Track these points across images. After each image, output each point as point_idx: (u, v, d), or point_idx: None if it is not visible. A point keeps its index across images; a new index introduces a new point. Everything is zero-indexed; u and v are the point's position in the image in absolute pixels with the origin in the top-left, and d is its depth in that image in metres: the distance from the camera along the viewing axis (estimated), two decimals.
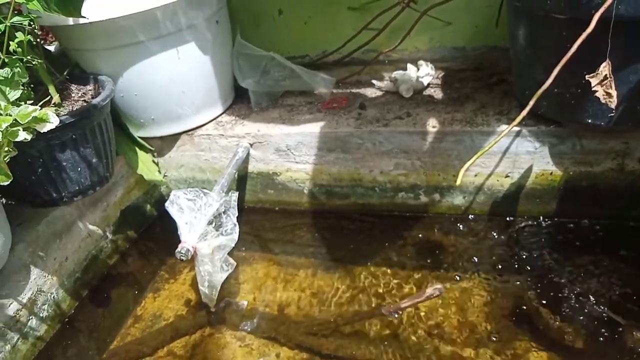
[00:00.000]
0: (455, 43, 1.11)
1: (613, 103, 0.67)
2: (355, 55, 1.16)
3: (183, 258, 0.81)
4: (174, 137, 1.08)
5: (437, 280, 0.88)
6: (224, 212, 0.87)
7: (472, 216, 0.99)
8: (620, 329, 0.74)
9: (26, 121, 0.61)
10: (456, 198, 0.98)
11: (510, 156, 0.89)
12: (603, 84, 0.67)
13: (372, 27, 1.08)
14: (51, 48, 1.06)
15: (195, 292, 0.95)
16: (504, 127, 0.87)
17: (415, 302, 0.78)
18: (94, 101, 0.84)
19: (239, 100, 1.15)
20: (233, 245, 0.86)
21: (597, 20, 0.63)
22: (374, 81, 1.08)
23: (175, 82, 0.98)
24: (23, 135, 0.62)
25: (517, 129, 0.86)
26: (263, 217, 1.12)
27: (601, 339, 0.74)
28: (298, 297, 0.92)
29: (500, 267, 0.89)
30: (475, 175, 0.93)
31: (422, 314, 0.83)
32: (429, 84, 1.04)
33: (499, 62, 1.07)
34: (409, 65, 1.05)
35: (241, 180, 1.09)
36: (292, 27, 1.18)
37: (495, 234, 0.95)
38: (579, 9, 0.67)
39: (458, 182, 0.69)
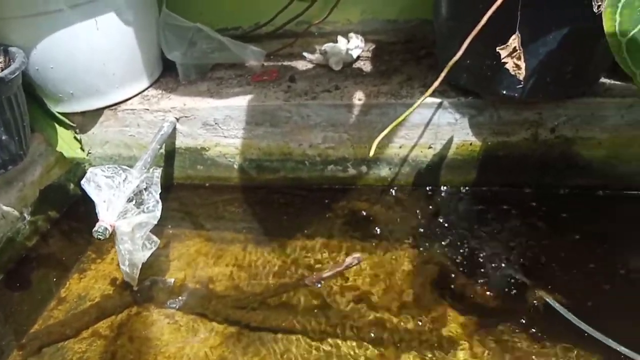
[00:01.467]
0: (387, 15, 1.11)
1: (522, 75, 0.70)
2: (288, 27, 1.14)
3: (101, 237, 0.78)
4: (97, 113, 1.03)
5: (365, 249, 0.90)
6: (146, 189, 0.85)
7: (398, 187, 1.01)
8: (526, 289, 0.79)
9: None
10: (382, 170, 0.99)
11: (433, 128, 0.91)
12: (513, 56, 0.69)
13: None
14: None
15: (119, 272, 0.93)
16: (427, 100, 0.88)
17: (336, 272, 0.79)
18: (1, 74, 0.79)
19: (167, 73, 1.11)
20: (155, 222, 0.84)
21: None
22: (305, 54, 1.07)
23: (94, 54, 0.93)
24: None
25: (438, 100, 0.88)
26: (193, 193, 1.10)
27: (510, 298, 0.78)
28: (230, 272, 0.91)
29: (424, 235, 0.92)
30: (400, 147, 0.95)
31: (350, 283, 0.85)
32: (359, 57, 1.04)
33: (429, 36, 1.07)
34: (339, 38, 1.05)
35: (169, 156, 1.07)
36: None
37: (419, 204, 0.98)
38: None
39: (371, 153, 0.70)
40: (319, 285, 0.83)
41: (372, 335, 0.76)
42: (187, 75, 1.06)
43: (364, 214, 0.98)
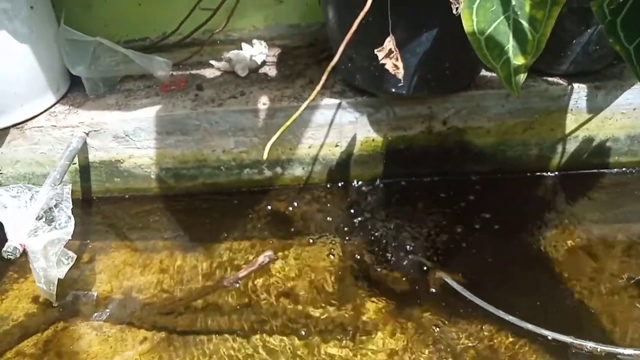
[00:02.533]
0: (289, 20, 1.16)
1: (400, 74, 0.76)
2: (195, 36, 1.15)
3: (11, 257, 0.78)
4: (3, 132, 1.01)
5: (287, 246, 0.95)
6: (56, 206, 0.85)
7: (313, 185, 1.06)
8: (432, 272, 0.86)
9: None
10: (296, 169, 1.04)
11: (336, 127, 0.96)
12: (390, 57, 0.75)
13: (207, 7, 1.08)
14: None
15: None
16: (327, 101, 0.93)
17: (251, 271, 0.83)
18: None
19: (75, 88, 1.10)
20: (69, 238, 0.84)
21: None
22: (212, 62, 1.09)
23: None
24: None
25: (337, 101, 0.94)
26: (114, 206, 1.11)
27: (416, 280, 0.85)
28: (157, 279, 0.93)
29: (341, 229, 0.97)
30: (309, 147, 1.00)
31: (273, 280, 0.89)
32: (264, 62, 1.07)
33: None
34: (244, 45, 1.08)
35: (84, 170, 1.06)
36: (127, 9, 1.15)
37: (334, 199, 1.04)
38: None
39: (265, 156, 0.74)
40: (237, 285, 0.87)
41: (297, 327, 0.80)
42: (95, 89, 1.06)
43: (284, 212, 1.03)
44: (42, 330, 0.86)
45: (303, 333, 0.79)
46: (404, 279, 0.86)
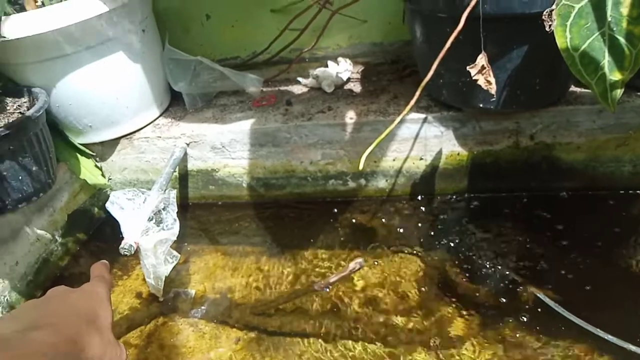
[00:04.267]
0: (372, 39, 1.20)
1: (493, 89, 0.77)
2: (283, 54, 1.23)
3: (127, 253, 0.87)
4: (114, 142, 1.13)
5: (370, 256, 0.97)
6: (164, 209, 0.94)
7: (396, 197, 1.09)
8: (523, 287, 0.85)
9: None
10: (380, 182, 1.07)
11: (422, 140, 0.99)
12: (482, 73, 0.77)
13: (294, 28, 1.15)
14: None
15: (147, 286, 1.01)
16: (413, 116, 0.96)
17: (341, 276, 0.86)
18: (28, 113, 0.88)
19: (175, 103, 1.21)
20: (174, 238, 0.92)
21: (468, 18, 0.72)
22: (299, 79, 1.16)
23: (108, 90, 1.03)
24: None
25: (423, 115, 0.96)
26: (207, 211, 1.19)
27: (509, 296, 0.84)
28: (245, 282, 0.99)
29: (424, 241, 0.98)
30: (394, 160, 1.03)
31: (357, 288, 0.92)
32: (348, 79, 1.12)
33: (412, 55, 1.16)
34: (329, 62, 1.14)
35: (183, 178, 1.16)
36: (221, 31, 1.25)
37: (417, 212, 1.05)
38: (454, 9, 0.76)
39: (360, 167, 0.78)
40: (327, 290, 0.91)
41: (381, 335, 0.82)
42: (193, 103, 1.15)
43: (367, 223, 1.06)
44: (145, 323, 0.94)
45: (387, 342, 0.81)
46: (491, 293, 0.86)
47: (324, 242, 1.04)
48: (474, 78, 0.77)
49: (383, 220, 1.06)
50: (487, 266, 0.90)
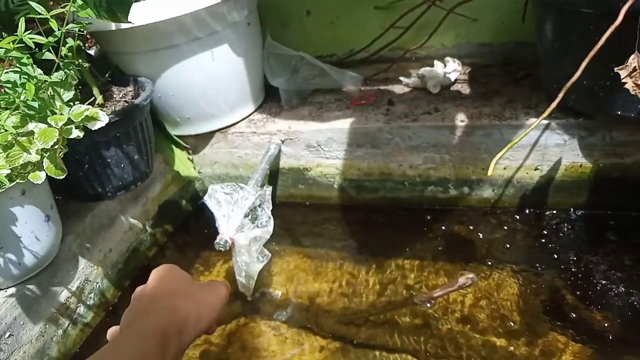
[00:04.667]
0: (481, 39, 1.12)
1: None
2: (382, 53, 1.18)
3: (222, 249, 0.84)
4: (208, 135, 1.12)
5: (466, 270, 0.90)
6: (259, 206, 0.91)
7: (502, 209, 1.00)
8: None
9: (79, 120, 0.66)
10: (485, 191, 0.99)
11: (540, 149, 0.90)
12: (632, 75, 0.68)
13: (398, 26, 1.10)
14: (91, 52, 1.11)
15: (230, 284, 0.99)
16: (533, 120, 0.88)
17: (448, 292, 0.79)
18: (136, 101, 0.88)
19: (270, 99, 1.18)
20: (268, 237, 0.89)
21: (624, 13, 0.64)
22: (401, 78, 1.10)
23: (209, 83, 1.02)
24: (76, 133, 0.67)
25: (546, 122, 0.87)
26: (294, 211, 1.16)
27: (631, 326, 0.74)
28: (329, 288, 0.94)
29: (530, 259, 0.90)
30: (505, 169, 0.95)
31: (452, 304, 0.85)
32: (456, 80, 1.05)
33: (526, 57, 1.07)
34: (436, 62, 1.07)
35: (273, 175, 1.13)
36: (320, 27, 1.21)
37: (525, 227, 0.96)
38: (605, 3, 0.68)
39: (489, 173, 0.71)
40: (429, 305, 0.84)
41: (480, 358, 0.75)
42: (289, 100, 1.12)
43: (465, 235, 0.98)
44: (226, 322, 0.91)
45: None
46: (612, 321, 0.76)
47: (414, 252, 0.97)
48: (622, 81, 0.68)
49: (484, 232, 0.98)
50: (605, 290, 0.81)
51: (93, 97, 0.90)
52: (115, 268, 0.97)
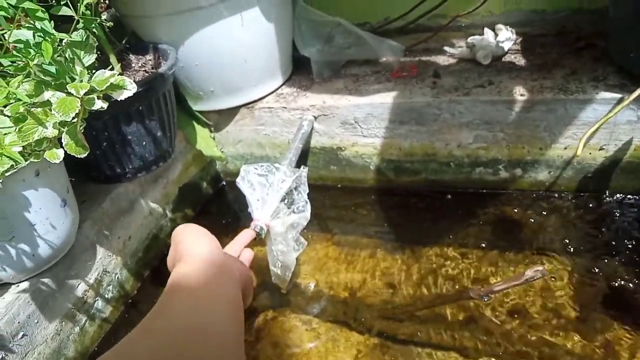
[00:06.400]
0: (534, 6, 1.02)
1: None
2: (420, 21, 1.08)
3: (257, 237, 0.76)
4: (233, 111, 1.02)
5: (515, 261, 0.82)
6: (295, 189, 0.82)
7: (557, 192, 0.91)
8: None
9: (103, 88, 0.56)
10: (540, 173, 0.90)
11: (607, 127, 0.81)
12: None
13: None
14: (103, 16, 1.00)
15: (254, 274, 0.90)
16: (604, 95, 0.78)
17: (512, 285, 0.70)
18: (161, 70, 0.78)
19: (297, 71, 1.08)
20: (305, 223, 0.80)
21: None
22: (446, 48, 1.00)
23: (237, 51, 0.91)
24: (99, 104, 0.57)
25: (618, 95, 0.78)
26: (324, 194, 1.06)
27: None
28: (362, 279, 0.86)
29: (588, 247, 0.81)
30: (565, 148, 0.85)
31: (502, 297, 0.77)
32: (508, 51, 0.95)
33: (583, 26, 0.98)
34: (486, 30, 0.97)
35: (302, 155, 1.03)
36: None
37: (583, 212, 0.87)
38: None
39: (578, 152, 0.62)
40: (486, 300, 0.76)
41: (535, 357, 0.68)
42: (321, 72, 1.02)
43: (515, 222, 0.89)
44: (254, 316, 0.83)
45: None
46: None
47: (455, 240, 0.89)
48: None
49: (536, 218, 0.89)
50: None
51: (110, 66, 0.80)
52: (134, 257, 0.88)
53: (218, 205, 1.11)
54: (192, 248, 0.57)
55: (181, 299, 0.46)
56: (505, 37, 0.93)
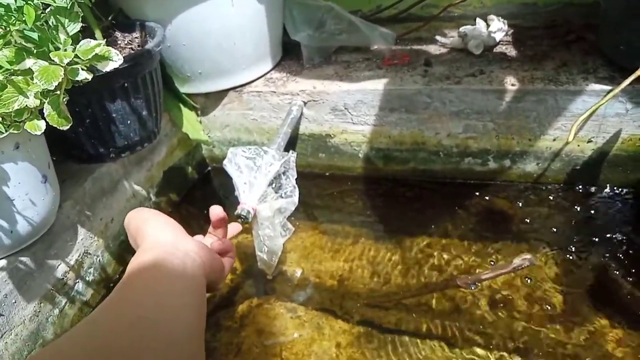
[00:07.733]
0: None
1: None
2: (412, 10, 1.07)
3: (243, 221, 0.74)
4: (220, 94, 1.00)
5: (501, 252, 0.82)
6: (284, 173, 0.80)
7: (545, 184, 0.92)
8: None
9: (88, 58, 0.54)
10: (529, 164, 0.90)
11: (597, 119, 0.81)
12: None
13: None
14: None
15: (238, 261, 0.89)
16: (594, 87, 0.79)
17: (499, 274, 0.71)
18: (147, 46, 0.76)
19: (287, 56, 1.06)
20: (293, 208, 0.79)
21: None
22: (437, 37, 0.99)
23: (227, 32, 0.89)
24: (83, 75, 0.55)
25: (607, 87, 0.78)
26: (311, 182, 1.05)
27: None
28: (349, 267, 0.86)
29: (575, 239, 0.82)
30: (554, 140, 0.86)
31: (489, 286, 0.77)
32: (499, 41, 0.95)
33: (574, 19, 0.98)
34: (478, 20, 0.96)
35: (290, 142, 1.01)
36: None
37: (570, 204, 0.88)
38: None
39: (570, 138, 0.62)
40: (473, 288, 0.76)
41: (520, 346, 0.68)
42: (311, 58, 1.01)
43: (503, 213, 0.90)
44: (237, 303, 0.82)
45: (526, 355, 0.67)
46: None
47: (442, 230, 0.89)
48: None
49: (523, 210, 0.89)
50: None
51: None
52: (117, 240, 0.86)
53: (203, 191, 1.09)
54: (155, 234, 0.53)
55: (135, 291, 0.43)
56: (497, 28, 0.93)
